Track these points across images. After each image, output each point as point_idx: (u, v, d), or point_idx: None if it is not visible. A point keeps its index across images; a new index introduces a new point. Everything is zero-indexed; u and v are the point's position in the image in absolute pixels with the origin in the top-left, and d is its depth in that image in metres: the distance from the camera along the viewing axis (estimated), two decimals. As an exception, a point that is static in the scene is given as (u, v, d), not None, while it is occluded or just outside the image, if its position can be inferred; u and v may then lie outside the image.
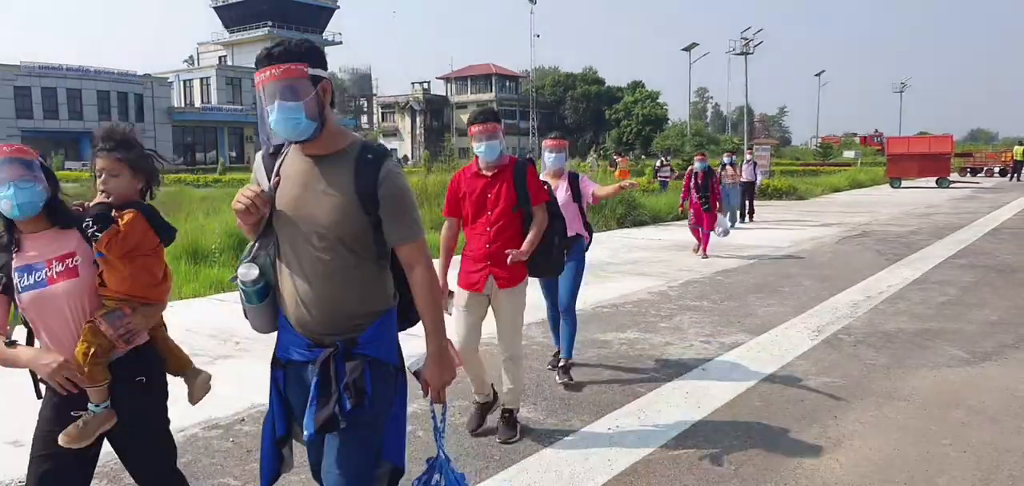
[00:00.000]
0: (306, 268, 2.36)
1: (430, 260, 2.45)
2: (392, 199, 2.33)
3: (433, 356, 2.48)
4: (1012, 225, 16.14)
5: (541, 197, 4.29)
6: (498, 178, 4.22)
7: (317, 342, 2.39)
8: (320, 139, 2.31)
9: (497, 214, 4.20)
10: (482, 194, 4.23)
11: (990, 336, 6.63)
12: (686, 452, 4.14)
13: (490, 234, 4.20)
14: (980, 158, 44.20)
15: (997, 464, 3.93)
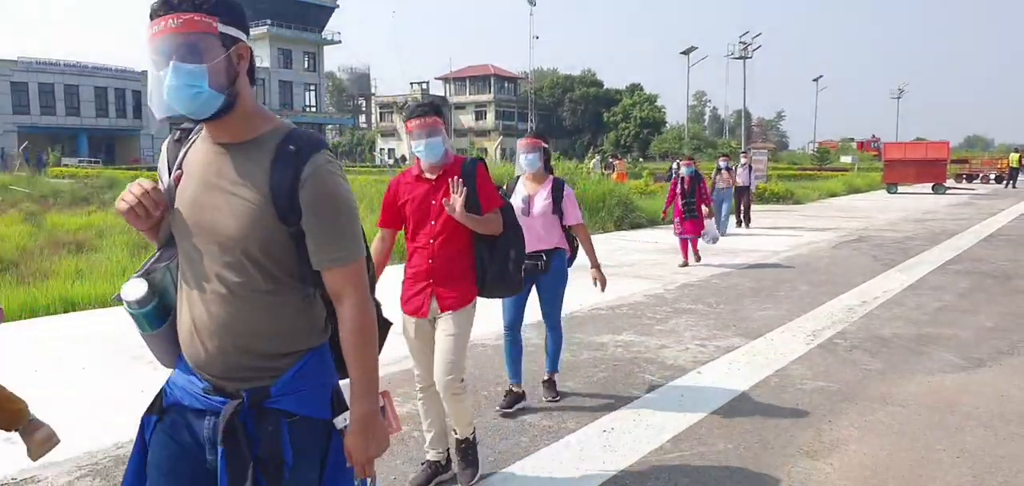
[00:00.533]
0: (205, 289, 1.83)
1: (367, 293, 1.89)
2: (317, 205, 1.78)
3: (358, 422, 1.86)
4: (1007, 232, 16.19)
5: (494, 202, 3.66)
6: (443, 182, 3.61)
7: (217, 387, 1.85)
8: (231, 121, 1.79)
9: (441, 224, 3.59)
10: (424, 201, 3.62)
11: (985, 342, 6.65)
12: (681, 454, 4.14)
13: (433, 248, 3.60)
14: (976, 165, 44.29)
15: (991, 469, 3.94)
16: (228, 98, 1.76)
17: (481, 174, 3.64)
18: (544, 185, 4.88)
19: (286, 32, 72.22)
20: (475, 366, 5.80)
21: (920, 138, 55.09)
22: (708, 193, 11.64)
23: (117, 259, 10.55)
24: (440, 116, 3.59)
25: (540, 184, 4.89)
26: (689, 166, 11.36)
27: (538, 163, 4.86)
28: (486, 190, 3.64)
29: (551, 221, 4.83)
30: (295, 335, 1.87)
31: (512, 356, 4.93)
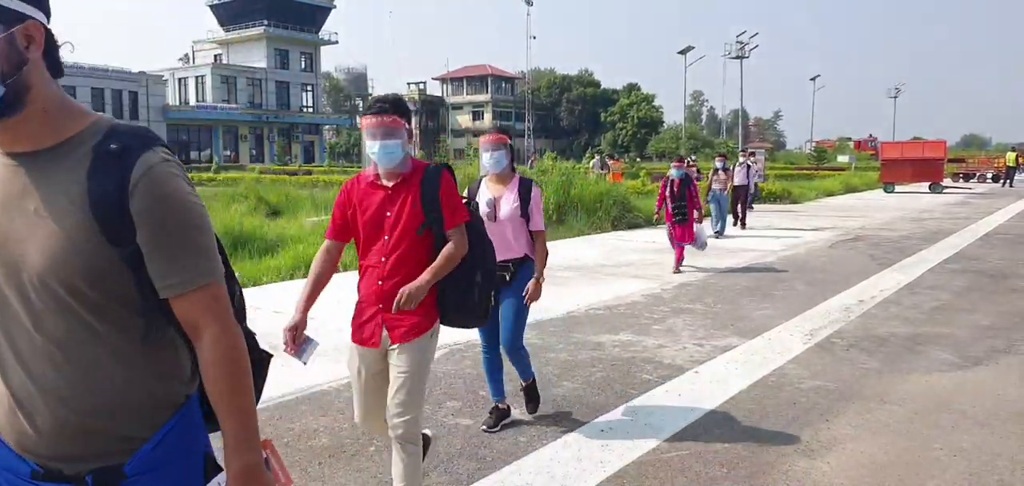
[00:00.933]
0: (22, 348, 1.42)
1: (230, 321, 1.49)
2: (154, 216, 1.38)
3: (236, 481, 1.48)
4: (1004, 231, 16.22)
5: (459, 216, 3.17)
6: (401, 190, 3.13)
7: (49, 473, 1.44)
8: (24, 122, 1.37)
9: (395, 240, 3.11)
10: (378, 212, 3.15)
11: (981, 341, 6.66)
12: (678, 454, 4.15)
13: (384, 267, 3.12)
14: (973, 164, 44.36)
15: (987, 468, 3.95)
16: (10, 92, 1.33)
17: (446, 184, 3.16)
18: (510, 186, 4.43)
19: (283, 32, 72.15)
20: (473, 366, 5.80)
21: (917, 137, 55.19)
22: (699, 197, 10.95)
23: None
24: (402, 115, 3.11)
25: (505, 185, 4.43)
26: (678, 168, 10.79)
27: (504, 162, 4.40)
28: (451, 202, 3.16)
29: (519, 225, 4.40)
30: (152, 394, 1.47)
31: (491, 372, 4.56)
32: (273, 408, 4.86)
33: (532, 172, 18.32)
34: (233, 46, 73.19)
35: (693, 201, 10.47)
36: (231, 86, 69.22)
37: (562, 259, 11.60)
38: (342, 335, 6.62)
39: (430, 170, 3.18)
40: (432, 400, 5.01)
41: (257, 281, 9.74)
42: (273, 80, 72.14)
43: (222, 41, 74.16)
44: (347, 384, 5.31)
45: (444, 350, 6.23)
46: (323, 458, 4.10)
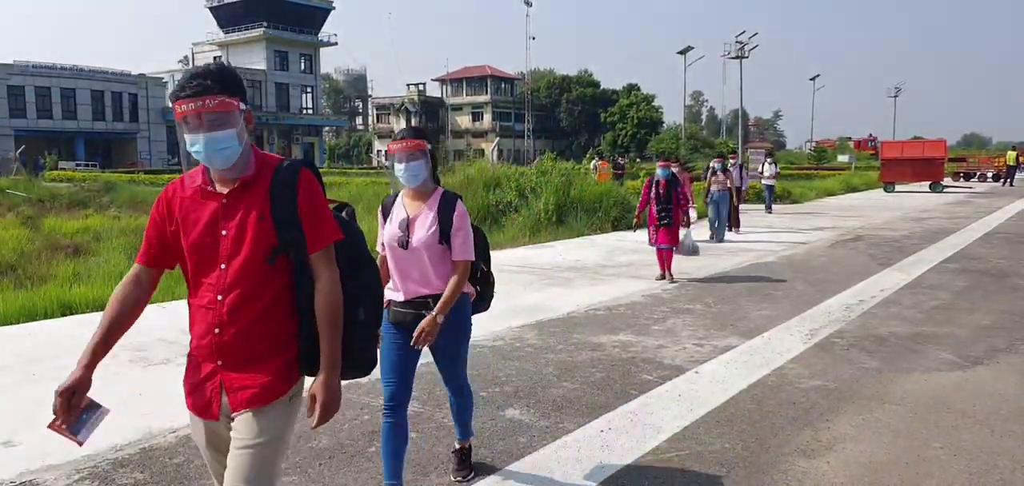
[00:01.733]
0: None
1: None
2: None
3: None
4: (1005, 230, 16.22)
5: (325, 234, 2.27)
6: (242, 199, 2.22)
7: None
8: None
9: (236, 269, 2.20)
10: (210, 230, 2.22)
11: (981, 340, 6.66)
12: (678, 454, 4.15)
13: (221, 309, 2.20)
14: (974, 163, 44.39)
15: (987, 467, 3.95)
16: None
17: (306, 186, 2.25)
18: (430, 202, 3.50)
19: (283, 34, 72.24)
20: (472, 366, 5.79)
21: (917, 137, 55.20)
22: (687, 199, 10.41)
23: (115, 262, 10.55)
24: (232, 92, 2.17)
25: (425, 201, 3.51)
26: (664, 168, 10.08)
27: (423, 173, 3.45)
28: (314, 214, 2.26)
29: (441, 253, 3.47)
30: None
31: (391, 448, 3.53)
32: (273, 410, 4.86)
33: (532, 172, 18.24)
34: (233, 48, 73.27)
35: (680, 204, 9.90)
36: (230, 88, 69.21)
37: (562, 260, 11.61)
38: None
39: (284, 169, 2.26)
40: (432, 401, 5.02)
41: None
42: (273, 82, 72.21)
43: (222, 43, 74.23)
44: (348, 385, 5.32)
45: (444, 351, 6.23)
46: (323, 459, 4.11)
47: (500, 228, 15.80)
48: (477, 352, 6.21)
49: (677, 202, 9.82)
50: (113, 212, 21.43)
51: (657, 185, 9.86)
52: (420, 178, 3.46)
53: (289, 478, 3.87)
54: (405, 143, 3.45)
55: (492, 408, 4.90)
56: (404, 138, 3.47)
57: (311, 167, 2.33)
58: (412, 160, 3.42)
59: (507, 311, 7.80)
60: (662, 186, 9.82)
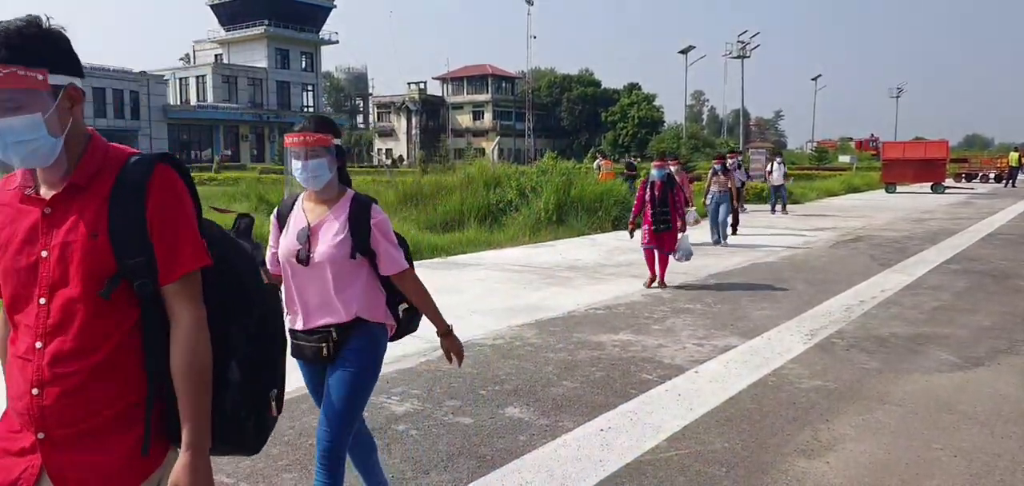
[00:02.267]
0: None
1: None
2: None
3: None
4: (1006, 231, 16.20)
5: (183, 259, 1.69)
6: (71, 207, 1.64)
7: None
8: None
9: (60, 305, 1.62)
10: (27, 247, 1.64)
11: (982, 341, 6.65)
12: (678, 454, 4.14)
13: (42, 358, 1.62)
14: (975, 164, 44.35)
15: (987, 468, 3.94)
16: None
17: (160, 190, 1.67)
18: (337, 208, 2.89)
19: (283, 32, 72.28)
20: (473, 366, 5.79)
21: (919, 137, 55.22)
22: (683, 202, 9.79)
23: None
24: (34, 60, 1.55)
25: (330, 206, 2.90)
26: (660, 168, 9.48)
27: (326, 173, 2.84)
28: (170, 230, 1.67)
29: (350, 271, 2.84)
30: None
31: (359, 463, 3.19)
32: (272, 407, 4.85)
33: (533, 171, 18.22)
34: (234, 46, 73.31)
35: (677, 207, 9.37)
36: (232, 86, 69.36)
37: (562, 259, 11.60)
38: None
39: (132, 167, 1.66)
40: (432, 399, 5.01)
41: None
42: (274, 80, 72.26)
43: (223, 41, 74.30)
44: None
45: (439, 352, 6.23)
46: (322, 457, 4.09)
47: (501, 227, 15.79)
48: (477, 351, 6.21)
49: (674, 204, 9.29)
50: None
51: (652, 186, 9.31)
52: (323, 179, 2.84)
53: (289, 475, 3.87)
54: (304, 136, 2.80)
55: (492, 406, 4.89)
56: (303, 129, 2.83)
57: (174, 162, 1.71)
58: (312, 157, 2.80)
59: (507, 310, 7.79)
60: (658, 187, 9.28)
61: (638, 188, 9.88)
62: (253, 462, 4.01)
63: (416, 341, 6.43)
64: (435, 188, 17.75)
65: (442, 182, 18.12)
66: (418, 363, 5.86)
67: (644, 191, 9.44)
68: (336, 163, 2.89)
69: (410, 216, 15.93)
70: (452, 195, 17.07)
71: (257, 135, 70.78)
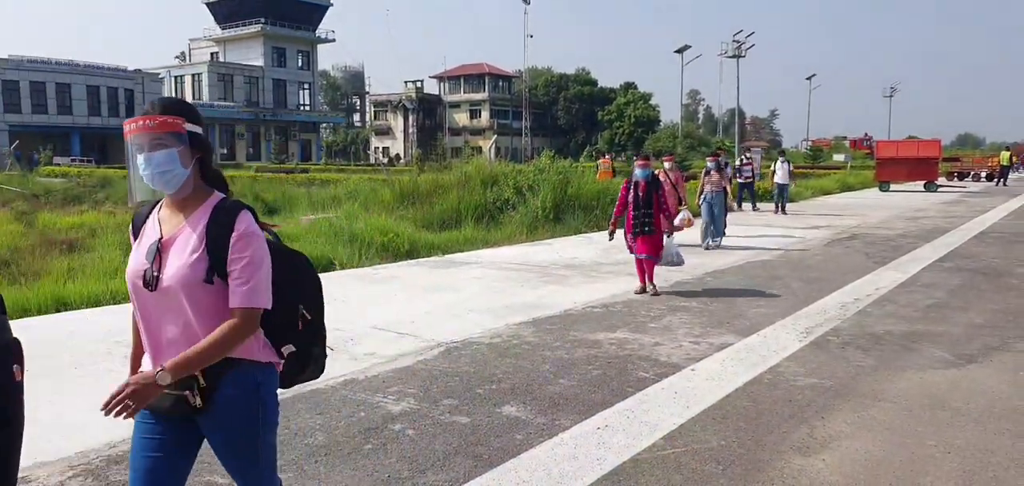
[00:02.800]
0: None
1: None
2: None
3: None
4: (999, 229, 16.27)
5: None
6: None
7: None
8: None
9: None
10: None
11: (975, 338, 6.69)
12: (674, 451, 4.16)
13: None
14: (967, 163, 44.51)
15: (981, 465, 3.97)
16: None
17: None
18: (195, 216, 2.29)
19: (280, 30, 72.17)
20: (470, 364, 5.81)
21: (912, 136, 55.31)
22: (669, 203, 9.27)
23: (110, 258, 10.53)
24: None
25: (187, 214, 2.30)
26: (643, 167, 8.79)
27: (178, 168, 2.25)
28: None
29: (209, 298, 2.23)
30: None
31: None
32: (270, 406, 4.86)
33: (530, 170, 18.20)
34: (230, 44, 73.17)
35: (661, 208, 8.75)
36: (228, 84, 69.22)
37: (559, 257, 11.62)
38: (339, 333, 6.63)
39: None
40: (428, 398, 5.02)
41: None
42: (270, 78, 72.15)
43: (219, 39, 74.14)
44: (345, 382, 5.33)
45: (441, 348, 6.25)
46: (319, 456, 4.11)
47: (498, 225, 15.81)
48: (475, 350, 6.23)
49: (659, 206, 8.71)
50: (108, 208, 21.38)
51: (636, 187, 8.73)
52: (173, 177, 2.24)
53: (285, 475, 3.88)
54: (143, 121, 2.22)
55: (489, 405, 4.91)
56: (145, 112, 2.25)
57: None
58: (158, 148, 2.21)
59: (504, 308, 7.80)
60: (642, 188, 8.68)
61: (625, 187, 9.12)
62: (251, 461, 4.02)
63: (412, 340, 6.47)
64: (432, 187, 17.75)
65: (439, 181, 18.11)
66: (415, 362, 5.87)
67: (627, 191, 8.90)
68: (194, 157, 2.27)
69: (407, 215, 15.92)
70: (449, 194, 17.07)
71: (253, 134, 70.65)
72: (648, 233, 8.66)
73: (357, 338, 6.57)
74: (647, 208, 8.64)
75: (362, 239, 12.06)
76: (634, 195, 8.75)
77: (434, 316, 7.41)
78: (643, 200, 8.69)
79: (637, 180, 8.79)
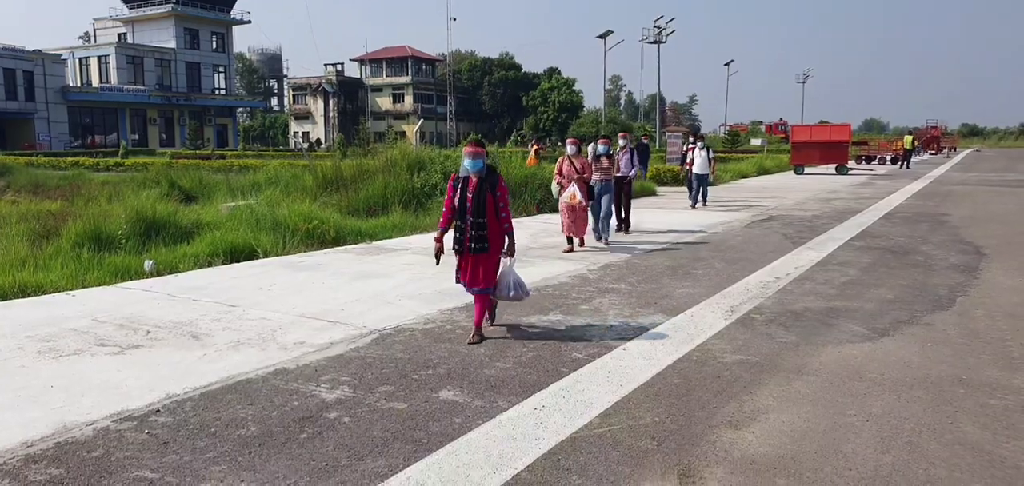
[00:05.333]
0: None
1: None
2: None
3: None
4: (904, 210, 17.16)
5: None
6: None
7: None
8: None
9: None
10: None
11: (887, 313, 7.05)
12: (610, 429, 4.24)
13: None
14: (874, 147, 46.77)
15: (896, 431, 4.20)
16: None
17: None
18: None
19: (192, 10, 69.45)
20: (404, 350, 5.77)
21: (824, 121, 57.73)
22: (510, 215, 6.16)
23: (15, 249, 9.95)
24: None
25: None
26: (474, 157, 6.04)
27: None
28: None
29: None
30: None
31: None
32: (198, 398, 4.71)
33: (457, 154, 18.10)
34: (139, 24, 69.98)
35: (499, 215, 6.04)
36: (138, 67, 66.21)
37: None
38: (266, 323, 6.46)
39: None
40: (363, 385, 4.96)
41: (174, 268, 9.39)
42: (183, 61, 69.40)
43: (127, 19, 70.79)
44: (275, 371, 5.21)
45: (373, 335, 6.18)
46: (253, 447, 4.01)
47: (426, 211, 15.68)
48: (409, 336, 6.18)
49: (495, 213, 6.02)
50: (10, 196, 20.18)
51: (464, 186, 6.05)
52: None
53: (218, 467, 3.77)
54: None
55: (426, 390, 4.88)
56: None
57: None
58: None
59: (437, 294, 7.77)
60: (472, 187, 6.01)
61: None
62: (179, 456, 3.89)
63: (343, 328, 6.38)
64: (356, 172, 17.43)
65: (363, 166, 17.79)
66: (347, 350, 5.79)
67: (453, 191, 6.10)
68: None
69: (331, 201, 15.62)
70: (374, 179, 16.81)
71: (166, 118, 67.91)
72: (479, 251, 6.01)
73: (285, 327, 6.43)
74: (478, 216, 5.96)
75: (286, 226, 11.78)
76: (461, 196, 6.01)
77: (364, 303, 7.31)
78: (473, 205, 5.93)
79: (467, 174, 6.04)
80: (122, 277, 8.87)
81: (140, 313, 7.01)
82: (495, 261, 6.19)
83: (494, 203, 6.03)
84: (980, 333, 6.30)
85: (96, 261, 9.45)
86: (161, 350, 5.80)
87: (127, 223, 11.24)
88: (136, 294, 7.91)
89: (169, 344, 5.94)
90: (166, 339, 6.08)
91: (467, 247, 6.04)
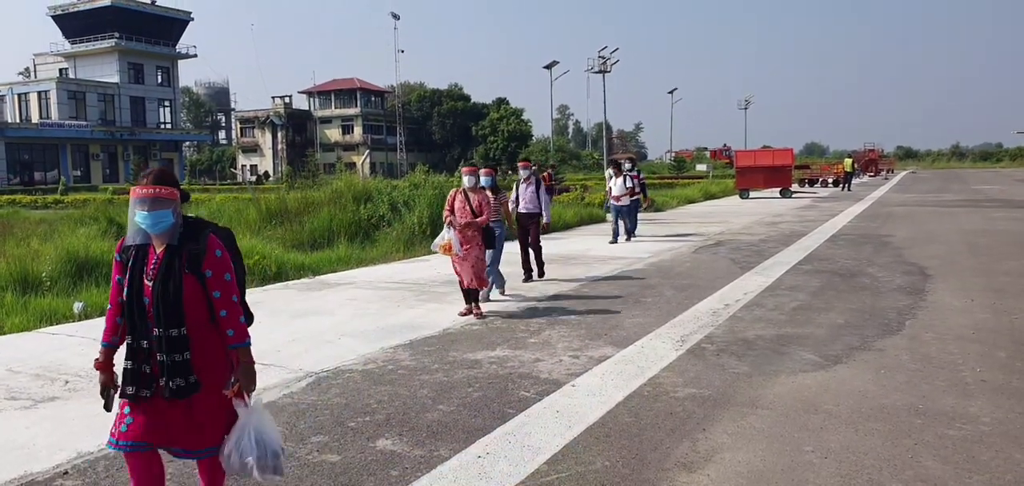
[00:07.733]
0: None
1: None
2: None
3: None
4: (848, 232, 17.39)
5: None
6: None
7: None
8: None
9: None
10: None
11: (838, 339, 6.96)
12: (558, 476, 3.98)
13: None
14: (816, 170, 47.85)
15: (856, 468, 4.03)
16: None
17: None
18: None
19: (137, 46, 67.95)
20: (340, 395, 5.43)
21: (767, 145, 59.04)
22: None
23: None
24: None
25: None
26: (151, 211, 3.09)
27: None
28: None
29: None
30: None
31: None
32: (112, 457, 4.31)
33: (405, 185, 17.82)
34: (81, 60, 68.15)
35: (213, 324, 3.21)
36: (80, 102, 64.42)
37: (437, 274, 11.32)
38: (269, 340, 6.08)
39: None
40: (294, 436, 4.61)
41: (104, 309, 8.87)
42: (127, 95, 67.77)
43: (69, 54, 68.90)
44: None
45: (309, 379, 5.83)
46: None
47: (373, 243, 15.31)
48: (346, 379, 5.84)
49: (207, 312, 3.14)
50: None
51: (141, 260, 3.16)
52: None
53: None
54: None
55: (362, 439, 4.56)
56: None
57: None
58: None
59: (379, 331, 7.44)
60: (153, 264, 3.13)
61: None
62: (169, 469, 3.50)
63: (277, 372, 6.01)
64: (302, 204, 17.00)
65: (309, 198, 17.38)
66: (280, 396, 5.43)
67: (121, 270, 3.20)
68: None
69: (275, 235, 15.15)
70: (320, 211, 16.40)
71: (110, 154, 66.03)
72: (180, 392, 3.13)
73: (216, 373, 6.03)
74: (168, 327, 3.09)
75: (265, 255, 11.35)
76: (131, 282, 3.13)
77: (302, 343, 6.94)
78: (161, 295, 3.07)
79: (143, 242, 3.18)
80: (48, 322, 8.34)
81: (60, 361, 6.54)
82: (215, 403, 3.24)
83: (200, 293, 3.13)
84: (932, 358, 6.23)
85: (20, 305, 8.89)
86: (78, 402, 5.37)
87: (57, 263, 10.65)
88: (59, 340, 7.42)
89: (88, 394, 5.50)
90: (85, 389, 5.64)
91: (155, 386, 3.16)
